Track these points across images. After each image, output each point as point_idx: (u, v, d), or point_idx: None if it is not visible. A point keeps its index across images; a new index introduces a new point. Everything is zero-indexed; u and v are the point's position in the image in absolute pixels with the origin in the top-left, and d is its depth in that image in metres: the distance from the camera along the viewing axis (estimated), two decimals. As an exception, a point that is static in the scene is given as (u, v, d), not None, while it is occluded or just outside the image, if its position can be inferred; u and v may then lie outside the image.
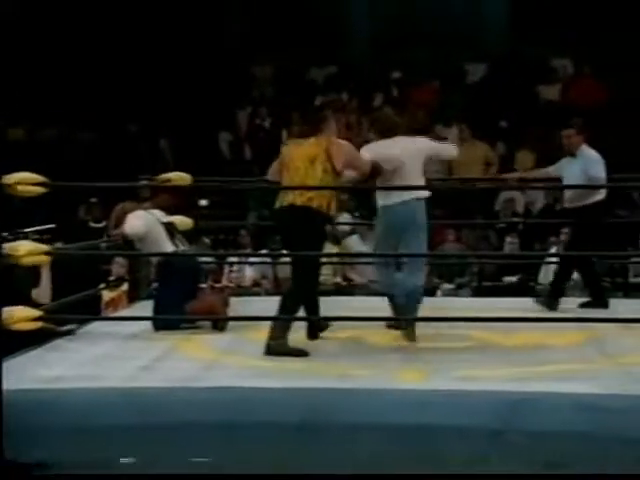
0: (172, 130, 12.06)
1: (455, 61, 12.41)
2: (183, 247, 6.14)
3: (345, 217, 10.43)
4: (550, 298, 6.62)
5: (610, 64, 11.55)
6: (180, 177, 6.56)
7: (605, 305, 6.55)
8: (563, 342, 5.32)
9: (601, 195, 6.59)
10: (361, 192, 8.99)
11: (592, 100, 11.60)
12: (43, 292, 5.73)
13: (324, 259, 7.51)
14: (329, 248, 9.33)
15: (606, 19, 11.81)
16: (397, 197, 5.53)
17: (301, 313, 5.37)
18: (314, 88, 12.90)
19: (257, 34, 12.68)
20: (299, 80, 12.83)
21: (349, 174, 5.48)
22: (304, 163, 5.26)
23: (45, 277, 5.71)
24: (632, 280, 8.79)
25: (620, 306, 6.72)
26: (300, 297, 5.32)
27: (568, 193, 6.71)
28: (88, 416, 4.18)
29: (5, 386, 4.17)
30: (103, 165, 10.77)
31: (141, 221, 6.00)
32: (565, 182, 6.72)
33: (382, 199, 5.64)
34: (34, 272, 5.61)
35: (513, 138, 11.67)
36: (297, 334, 5.30)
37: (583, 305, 6.64)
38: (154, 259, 6.11)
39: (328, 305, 5.69)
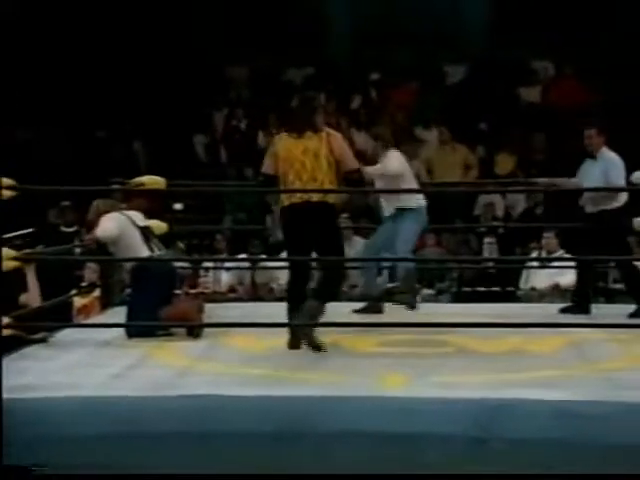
0: (146, 133, 12.05)
1: (435, 62, 12.44)
2: (159, 252, 6.12)
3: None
4: (579, 306, 6.59)
5: (592, 65, 11.62)
6: (154, 180, 6.56)
7: (587, 311, 6.58)
8: (543, 348, 5.36)
9: (619, 201, 6.48)
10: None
11: (573, 102, 11.68)
12: (32, 297, 5.69)
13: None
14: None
15: (587, 20, 11.88)
16: (423, 200, 6.51)
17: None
18: (291, 89, 12.90)
19: (233, 34, 12.68)
20: (276, 81, 12.84)
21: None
22: (309, 158, 5.30)
23: (32, 282, 5.67)
24: (612, 286, 8.85)
25: (601, 311, 6.78)
26: (328, 296, 5.35)
27: (586, 197, 6.60)
28: (60, 425, 4.18)
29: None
30: (75, 168, 10.74)
31: (113, 224, 5.97)
32: (585, 185, 6.62)
33: (416, 201, 6.45)
34: (20, 277, 5.59)
35: (493, 141, 11.72)
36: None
37: (564, 310, 6.68)
38: (128, 264, 6.09)
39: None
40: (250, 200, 10.92)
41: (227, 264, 9.66)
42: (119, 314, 6.19)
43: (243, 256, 9.46)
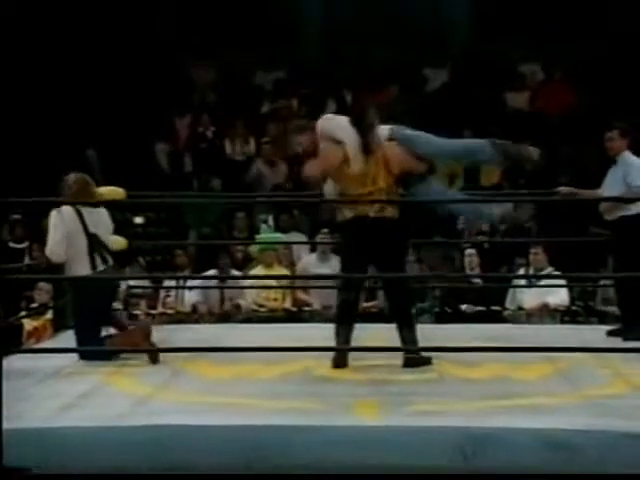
0: (100, 140, 11.90)
1: (415, 64, 12.49)
2: (102, 266, 6.11)
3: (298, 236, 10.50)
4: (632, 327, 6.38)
5: (581, 68, 11.73)
6: (113, 191, 6.57)
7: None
8: (530, 374, 5.41)
9: (638, 206, 6.44)
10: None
11: (562, 107, 11.76)
12: None
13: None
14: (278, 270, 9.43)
15: (578, 20, 11.99)
16: None
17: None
18: (261, 94, 12.94)
19: (196, 33, 12.69)
20: (244, 85, 12.86)
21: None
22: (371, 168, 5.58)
23: None
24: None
25: (592, 333, 6.84)
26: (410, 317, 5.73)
27: (604, 204, 6.64)
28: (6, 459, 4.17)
29: None
30: (21, 178, 10.66)
31: (61, 245, 5.98)
32: (604, 190, 6.66)
33: None
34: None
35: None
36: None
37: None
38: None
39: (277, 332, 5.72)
40: (215, 214, 10.93)
41: (190, 282, 9.65)
42: (73, 337, 6.18)
43: (210, 273, 9.46)
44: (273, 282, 9.19)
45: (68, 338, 6.50)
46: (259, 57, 12.81)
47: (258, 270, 9.38)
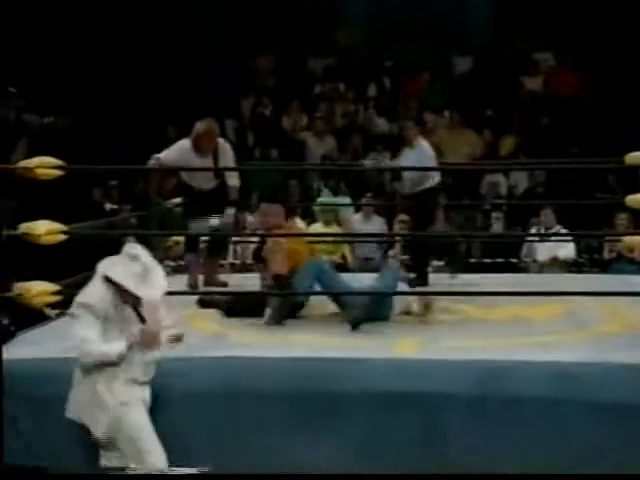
0: (179, 117, 11.96)
1: (443, 54, 12.41)
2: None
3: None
4: None
5: (589, 56, 11.57)
6: None
7: None
8: (541, 315, 5.38)
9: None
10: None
11: (571, 89, 11.66)
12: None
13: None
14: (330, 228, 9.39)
15: (586, 13, 11.78)
16: None
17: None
18: (312, 78, 12.89)
19: (258, 26, 12.65)
20: (298, 70, 12.82)
21: None
22: None
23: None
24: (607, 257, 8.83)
25: (595, 280, 6.78)
26: None
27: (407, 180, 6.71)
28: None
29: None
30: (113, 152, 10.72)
31: None
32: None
33: None
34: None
35: (499, 126, 11.69)
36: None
37: None
38: None
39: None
40: (273, 180, 10.92)
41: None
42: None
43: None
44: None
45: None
46: (311, 46, 12.75)
47: (317, 227, 9.32)
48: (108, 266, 3.86)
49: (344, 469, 4.08)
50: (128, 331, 3.83)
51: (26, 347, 4.58)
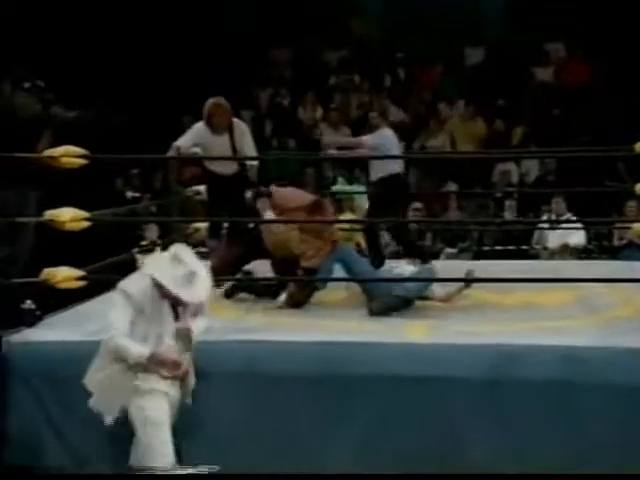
0: (196, 108, 11.96)
1: (455, 46, 12.38)
2: None
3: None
4: None
5: (599, 47, 11.51)
6: None
7: None
8: (553, 300, 5.38)
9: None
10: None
11: (581, 80, 11.62)
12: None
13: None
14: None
15: (597, 4, 11.72)
16: None
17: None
18: (328, 70, 12.89)
19: (275, 21, 12.65)
20: (314, 62, 12.81)
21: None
22: None
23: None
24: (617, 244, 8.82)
25: (605, 267, 6.77)
26: None
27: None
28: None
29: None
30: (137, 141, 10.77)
31: None
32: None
33: None
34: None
35: (510, 116, 11.66)
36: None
37: None
38: None
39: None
40: (290, 168, 10.95)
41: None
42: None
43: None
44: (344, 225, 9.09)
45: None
46: (326, 39, 12.73)
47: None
48: (154, 265, 3.80)
49: (356, 452, 4.10)
50: (158, 330, 3.76)
51: (53, 330, 4.64)
